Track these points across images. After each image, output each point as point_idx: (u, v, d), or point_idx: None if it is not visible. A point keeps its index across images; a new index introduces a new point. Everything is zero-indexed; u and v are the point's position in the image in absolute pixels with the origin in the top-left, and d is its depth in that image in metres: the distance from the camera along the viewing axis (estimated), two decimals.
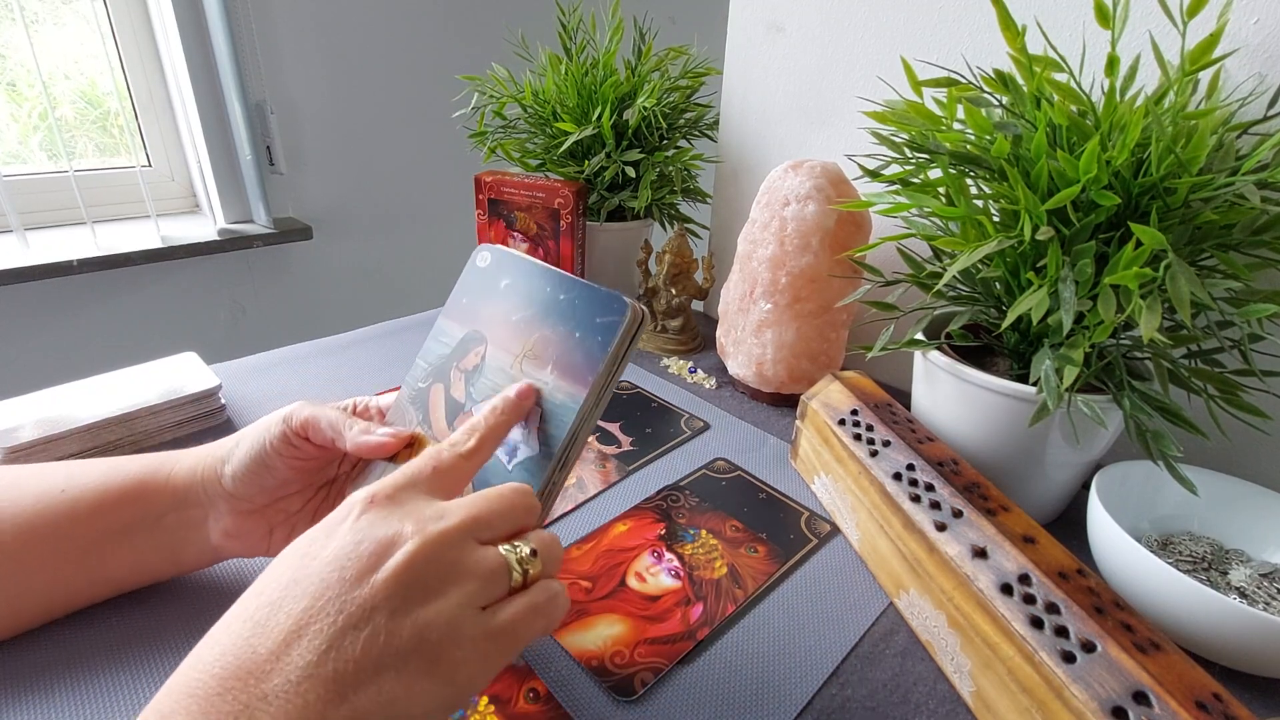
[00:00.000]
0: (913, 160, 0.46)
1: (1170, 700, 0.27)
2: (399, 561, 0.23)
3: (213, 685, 0.21)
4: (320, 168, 1.31)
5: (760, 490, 0.51)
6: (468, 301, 0.37)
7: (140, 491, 0.35)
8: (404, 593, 0.23)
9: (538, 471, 0.31)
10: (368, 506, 0.25)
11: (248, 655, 0.22)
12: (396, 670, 0.22)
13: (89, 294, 1.12)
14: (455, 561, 0.25)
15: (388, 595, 0.23)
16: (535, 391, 0.32)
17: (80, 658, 0.34)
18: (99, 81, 1.12)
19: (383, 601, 0.23)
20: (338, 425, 0.34)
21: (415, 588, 0.23)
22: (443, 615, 0.24)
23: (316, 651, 0.22)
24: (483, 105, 0.78)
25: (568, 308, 0.33)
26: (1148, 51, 0.45)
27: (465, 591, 0.24)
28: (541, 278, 0.35)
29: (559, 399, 0.32)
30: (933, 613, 0.37)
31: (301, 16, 1.19)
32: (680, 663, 0.36)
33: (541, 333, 0.34)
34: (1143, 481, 0.44)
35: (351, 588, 0.23)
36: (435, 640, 0.23)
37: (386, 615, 0.23)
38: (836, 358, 0.62)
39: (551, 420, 0.32)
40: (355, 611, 0.22)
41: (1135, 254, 0.34)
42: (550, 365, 0.33)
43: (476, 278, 0.37)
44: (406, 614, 0.23)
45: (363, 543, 0.24)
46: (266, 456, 0.34)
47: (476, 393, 0.35)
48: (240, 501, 0.35)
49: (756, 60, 0.72)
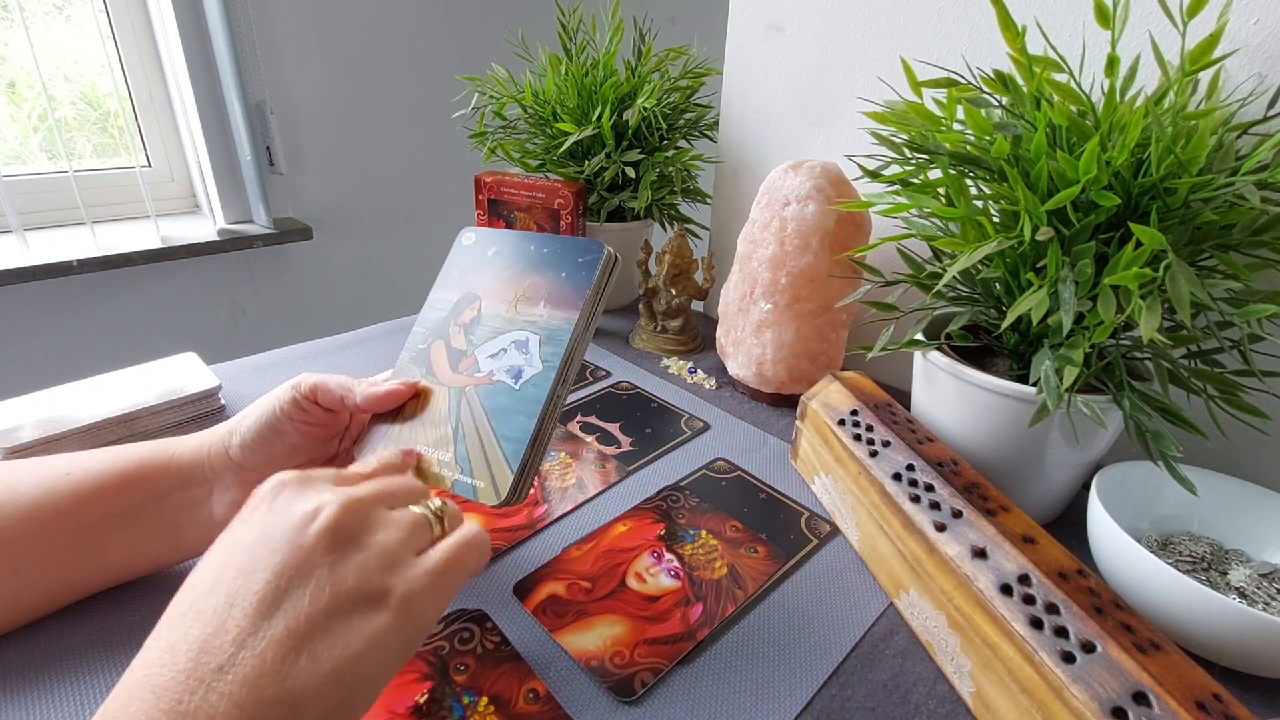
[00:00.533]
0: (912, 161, 0.46)
1: (1170, 700, 0.27)
2: (326, 519, 0.25)
3: (164, 674, 0.21)
4: (320, 168, 1.31)
5: (760, 490, 0.51)
6: (459, 274, 0.41)
7: (143, 474, 0.35)
8: (338, 545, 0.24)
9: (543, 385, 0.35)
10: (280, 489, 0.27)
11: (196, 639, 0.22)
12: (348, 614, 0.23)
13: (89, 294, 1.12)
14: (377, 517, 0.26)
15: (324, 549, 0.24)
16: (417, 456, 0.35)
17: (82, 650, 0.34)
18: (99, 82, 1.12)
19: (320, 556, 0.24)
20: (346, 384, 0.36)
21: (347, 539, 0.25)
22: (381, 555, 0.25)
23: (265, 616, 0.22)
24: (483, 105, 0.78)
25: (552, 257, 0.38)
26: (1148, 52, 0.45)
27: (393, 537, 0.26)
28: (525, 239, 0.40)
29: (555, 324, 0.37)
30: (933, 613, 0.37)
31: (301, 16, 1.19)
32: (680, 663, 0.36)
33: (532, 279, 0.38)
34: (1143, 482, 0.44)
35: (284, 556, 0.24)
36: (380, 580, 0.24)
37: (327, 568, 0.24)
38: (836, 358, 0.62)
39: (550, 342, 0.36)
40: (295, 571, 0.23)
41: (1135, 254, 0.34)
42: (543, 302, 0.37)
43: (464, 254, 0.41)
44: (345, 561, 0.24)
45: (286, 518, 0.25)
46: (277, 422, 0.35)
47: (477, 338, 0.38)
48: (249, 472, 0.36)
49: (756, 60, 0.72)
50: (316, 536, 0.24)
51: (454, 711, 0.33)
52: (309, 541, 0.24)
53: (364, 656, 0.23)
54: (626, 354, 0.73)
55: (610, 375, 0.68)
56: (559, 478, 0.51)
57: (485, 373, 0.37)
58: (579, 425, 0.58)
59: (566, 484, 0.50)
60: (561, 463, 0.53)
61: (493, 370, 0.37)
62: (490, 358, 0.37)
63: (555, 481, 0.51)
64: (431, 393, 0.37)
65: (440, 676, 0.34)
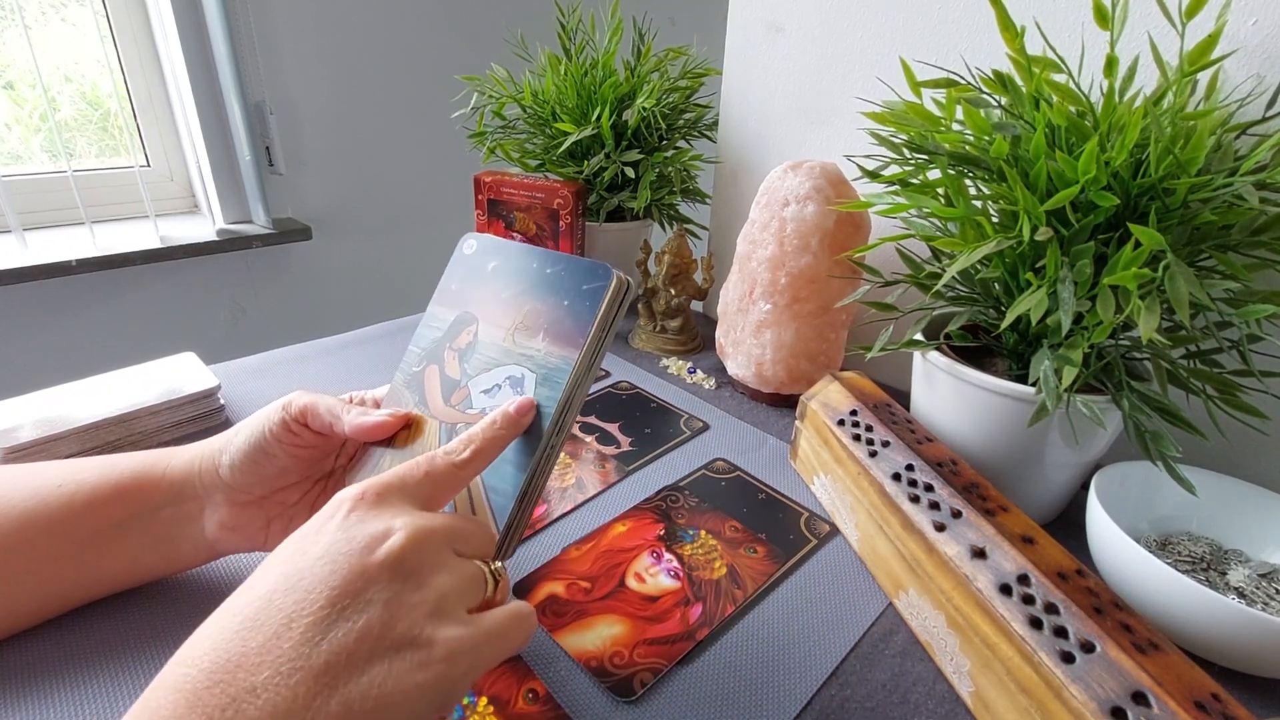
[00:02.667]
0: (912, 161, 0.46)
1: (1169, 700, 0.27)
2: (391, 549, 0.24)
3: (200, 679, 0.21)
4: (319, 168, 1.31)
5: (759, 490, 0.51)
6: (457, 287, 0.38)
7: (136, 486, 0.35)
8: (398, 580, 0.23)
9: (535, 433, 0.32)
10: (357, 503, 0.26)
11: (237, 648, 0.21)
12: (389, 661, 0.22)
13: (88, 294, 1.12)
14: (442, 558, 0.25)
15: (381, 583, 0.23)
16: (534, 407, 0.33)
17: (77, 658, 0.34)
18: (99, 82, 1.12)
19: (377, 587, 0.23)
20: (336, 410, 0.34)
21: (409, 573, 0.24)
22: (437, 601, 0.24)
23: (309, 643, 0.21)
24: (482, 105, 0.78)
25: (555, 279, 0.35)
26: (1146, 52, 0.45)
27: (452, 586, 0.25)
28: (527, 255, 0.36)
29: (553, 363, 0.33)
30: (932, 613, 0.37)
31: (301, 17, 1.19)
32: (679, 663, 0.36)
33: (531, 305, 0.35)
34: (1142, 482, 0.44)
35: (344, 579, 0.23)
36: (429, 630, 0.23)
37: (381, 605, 0.23)
38: (836, 358, 0.62)
39: (547, 384, 0.33)
40: (348, 601, 0.22)
41: (1134, 254, 0.34)
42: (542, 334, 0.34)
43: (464, 264, 0.38)
44: (400, 601, 0.23)
45: (354, 537, 0.24)
46: (266, 444, 0.35)
47: (471, 368, 0.35)
48: (238, 492, 0.35)
49: (756, 61, 0.72)
50: (381, 564, 0.23)
51: (454, 712, 0.33)
52: (373, 567, 0.23)
53: (395, 708, 0.22)
54: (626, 354, 0.73)
55: (610, 375, 0.68)
56: (558, 478, 0.51)
57: (477, 410, 0.34)
58: (578, 425, 0.58)
59: (566, 484, 0.50)
60: (561, 462, 0.53)
61: (485, 409, 0.34)
62: (484, 393, 0.34)
63: (555, 481, 0.50)
64: (425, 422, 0.35)
65: None
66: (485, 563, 0.28)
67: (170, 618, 0.36)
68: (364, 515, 0.25)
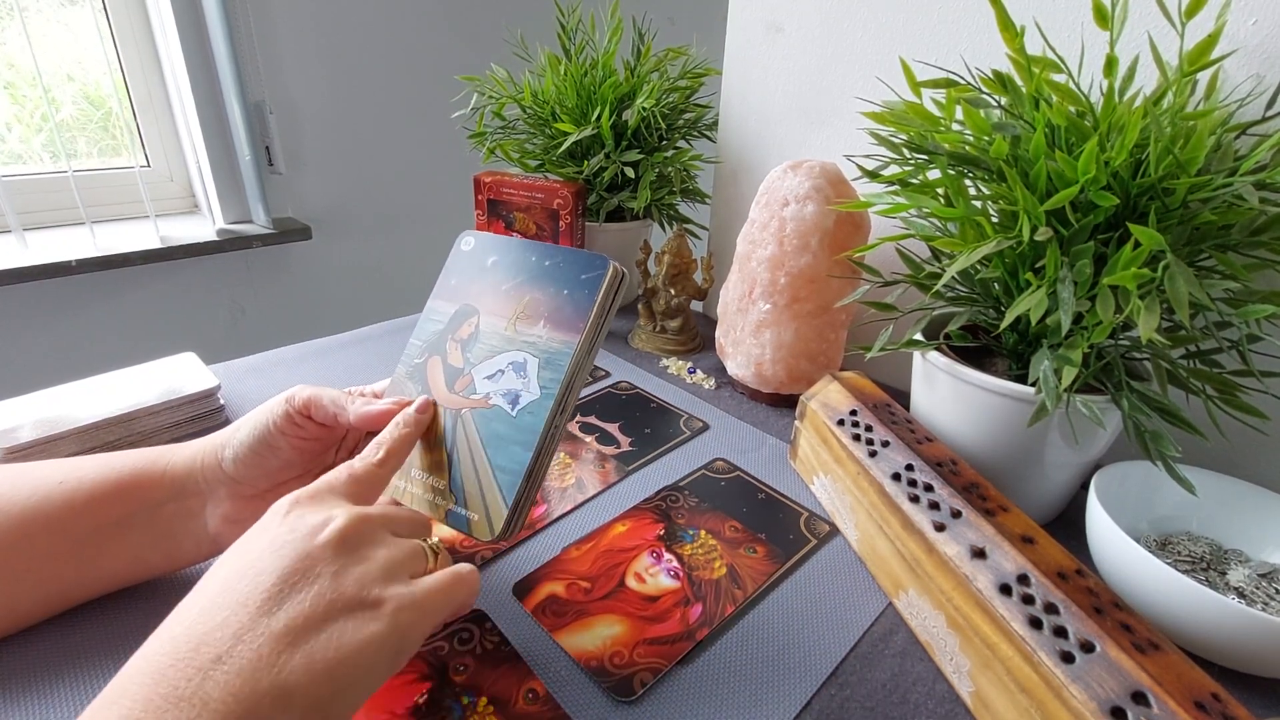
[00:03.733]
0: (911, 161, 0.46)
1: (1169, 700, 0.27)
2: (334, 529, 0.26)
3: (164, 660, 0.22)
4: (319, 168, 1.31)
5: (759, 490, 0.51)
6: (456, 282, 0.39)
7: (137, 483, 0.35)
8: (341, 555, 0.26)
9: (540, 413, 0.34)
10: (294, 505, 0.28)
11: (198, 631, 0.23)
12: (344, 618, 0.25)
13: (88, 294, 1.12)
14: (379, 536, 0.28)
15: (327, 557, 0.26)
16: (433, 405, 0.36)
17: (79, 656, 0.34)
18: (99, 83, 1.12)
19: (323, 564, 0.25)
20: (340, 401, 0.35)
21: (351, 549, 0.26)
22: (381, 569, 0.26)
23: (267, 614, 0.23)
24: (482, 106, 0.78)
25: (554, 271, 0.37)
26: (1146, 52, 0.45)
27: (392, 557, 0.27)
28: (526, 249, 0.38)
29: (554, 348, 0.35)
30: (932, 613, 0.37)
31: (301, 17, 1.19)
32: (679, 663, 0.36)
33: (532, 295, 0.37)
34: (1141, 482, 0.44)
35: (291, 561, 0.25)
36: (377, 591, 0.26)
37: (330, 575, 0.25)
38: (835, 358, 0.62)
39: (549, 367, 0.34)
40: (298, 579, 0.25)
41: (1134, 254, 0.34)
42: (543, 321, 0.36)
43: (463, 261, 0.40)
44: (346, 571, 0.26)
45: (296, 529, 0.26)
46: (270, 436, 0.35)
47: (474, 356, 0.37)
48: (241, 485, 0.36)
49: (755, 61, 0.72)
50: (324, 543, 0.26)
51: (453, 712, 0.33)
52: (316, 548, 0.26)
53: (355, 659, 0.24)
54: (626, 354, 0.73)
55: (609, 375, 0.68)
56: (558, 478, 0.51)
57: (482, 395, 0.35)
58: (578, 425, 0.58)
59: (566, 484, 0.50)
60: (561, 463, 0.53)
61: (490, 393, 0.35)
62: (487, 379, 0.36)
63: (554, 481, 0.50)
64: (430, 406, 0.36)
65: (439, 677, 0.34)
66: (423, 540, 0.30)
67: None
68: (303, 512, 0.27)
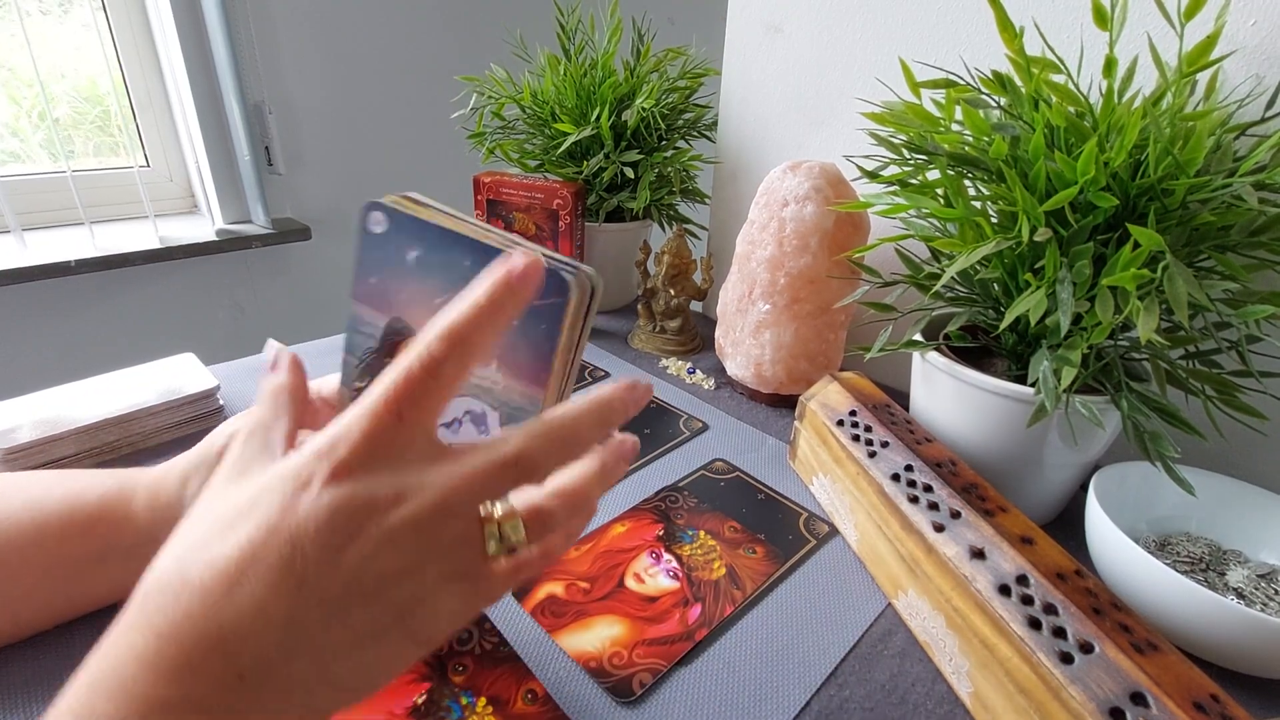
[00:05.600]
0: (911, 161, 0.46)
1: (1168, 701, 0.27)
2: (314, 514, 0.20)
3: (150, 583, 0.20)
4: (319, 168, 1.31)
5: (759, 491, 0.51)
6: (377, 281, 0.29)
7: (105, 522, 0.34)
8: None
9: None
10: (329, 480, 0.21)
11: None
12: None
13: (87, 294, 1.12)
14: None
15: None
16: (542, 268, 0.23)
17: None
18: (97, 82, 1.12)
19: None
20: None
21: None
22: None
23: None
24: (481, 106, 0.78)
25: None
26: (1145, 53, 0.45)
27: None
28: (455, 248, 0.28)
29: (516, 401, 0.28)
30: (931, 613, 0.37)
31: (300, 17, 1.19)
32: (679, 664, 0.36)
33: None
34: (1140, 482, 0.44)
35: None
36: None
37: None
38: (835, 358, 0.62)
39: (514, 423, 0.27)
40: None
41: (1133, 255, 0.34)
42: (495, 360, 0.28)
43: (378, 250, 0.29)
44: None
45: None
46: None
47: None
48: None
49: (755, 61, 0.72)
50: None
51: (452, 712, 0.33)
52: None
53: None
54: (625, 354, 0.73)
55: (609, 376, 0.68)
56: None
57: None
58: None
59: None
60: None
61: (449, 442, 0.26)
62: (444, 426, 0.29)
63: None
64: None
65: (438, 677, 0.34)
66: (493, 508, 0.23)
67: None
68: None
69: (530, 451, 0.23)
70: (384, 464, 0.21)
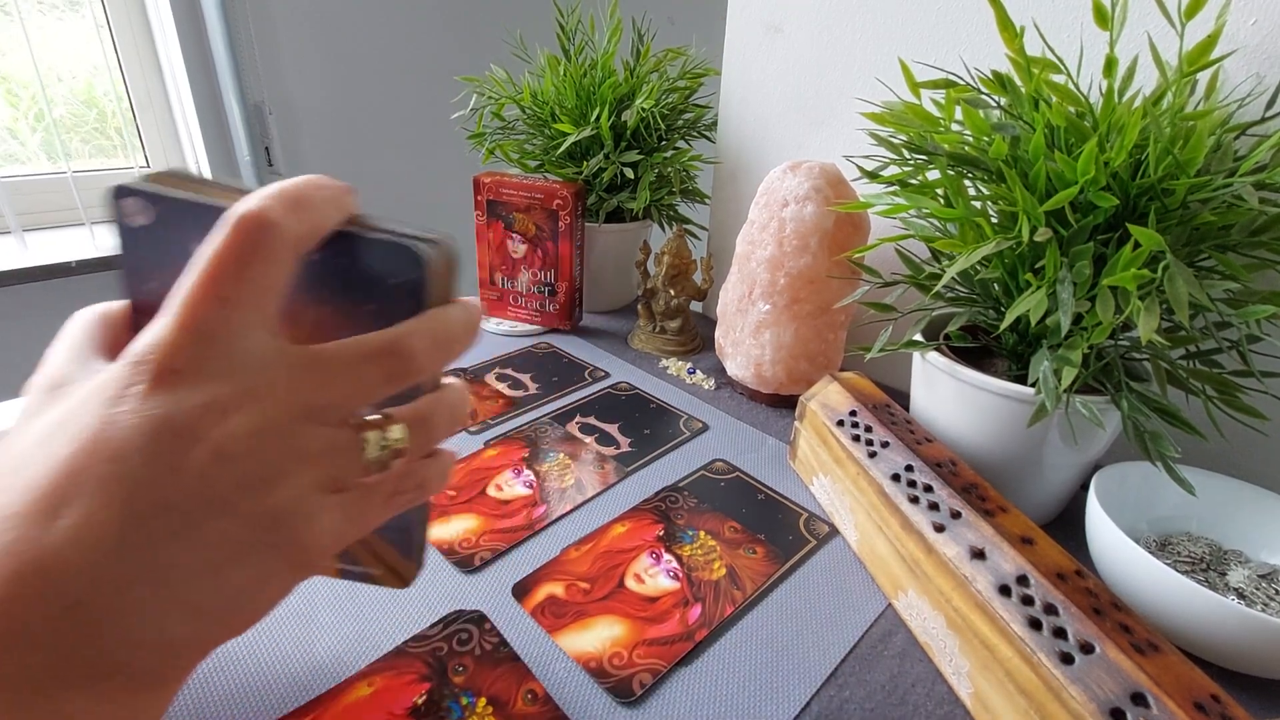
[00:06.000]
0: (911, 161, 0.46)
1: (1169, 701, 0.27)
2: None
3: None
4: (319, 169, 1.30)
5: (759, 491, 0.51)
6: (158, 285, 0.21)
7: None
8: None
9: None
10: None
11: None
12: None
13: (88, 295, 1.11)
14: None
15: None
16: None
17: None
18: (97, 82, 1.12)
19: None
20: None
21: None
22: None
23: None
24: (481, 106, 0.78)
25: (328, 268, 0.22)
26: (1146, 53, 0.45)
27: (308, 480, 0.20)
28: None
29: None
30: (931, 614, 0.37)
31: (300, 17, 1.19)
32: (679, 664, 0.36)
33: (317, 312, 0.23)
34: (1141, 482, 0.44)
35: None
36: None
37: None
38: (835, 359, 0.62)
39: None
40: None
41: (1133, 255, 0.34)
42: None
43: (148, 247, 0.23)
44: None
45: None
46: None
47: None
48: None
49: (755, 61, 0.72)
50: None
51: (452, 712, 0.33)
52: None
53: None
54: (625, 354, 0.73)
55: (609, 376, 0.68)
56: (557, 478, 0.51)
57: None
58: (578, 426, 0.58)
59: (565, 485, 0.50)
60: (560, 464, 0.53)
61: None
62: None
63: (554, 482, 0.50)
64: None
65: (438, 677, 0.34)
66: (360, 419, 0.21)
67: None
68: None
69: (405, 341, 0.20)
70: (217, 360, 0.18)
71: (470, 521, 0.46)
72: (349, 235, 0.22)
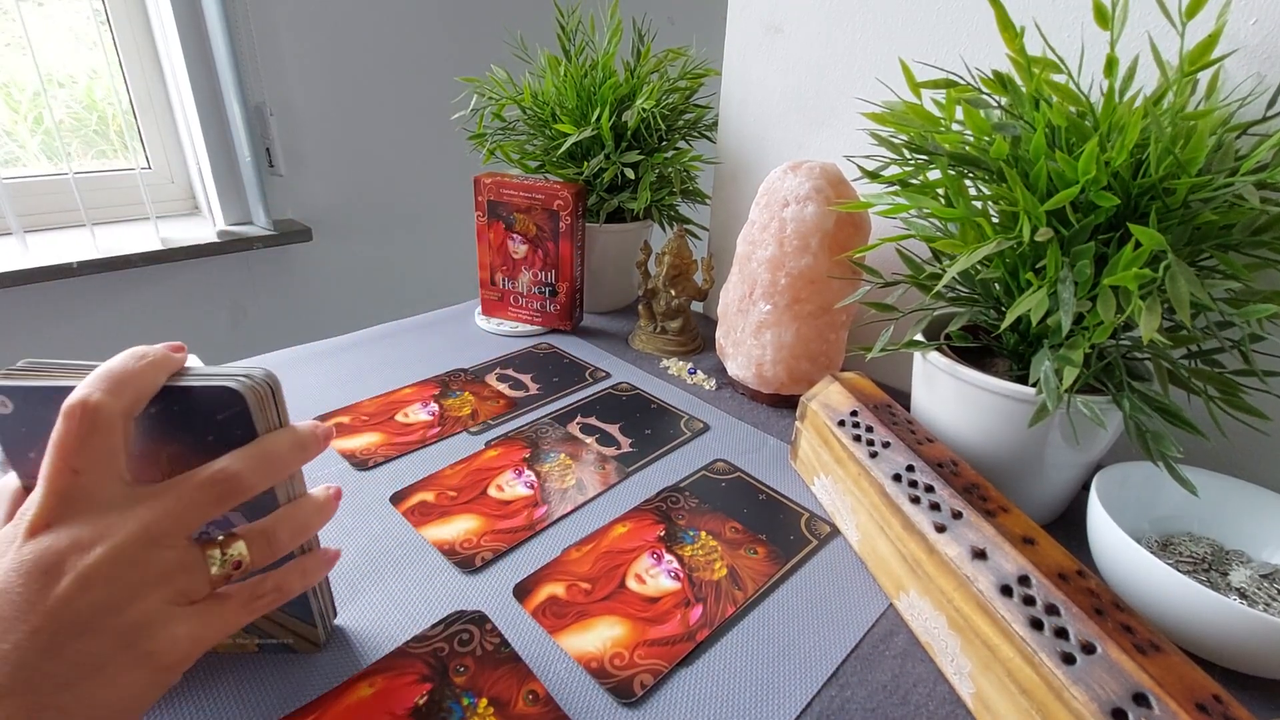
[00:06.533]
0: (911, 161, 0.46)
1: (1170, 702, 0.27)
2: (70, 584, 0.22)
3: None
4: (320, 169, 1.31)
5: (760, 491, 0.51)
6: (36, 455, 0.25)
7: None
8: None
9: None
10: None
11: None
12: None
13: (89, 296, 1.12)
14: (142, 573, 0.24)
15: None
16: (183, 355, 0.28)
17: None
18: (96, 85, 1.12)
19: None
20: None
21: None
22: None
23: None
24: (482, 107, 0.78)
25: (169, 418, 0.27)
26: (1146, 52, 0.45)
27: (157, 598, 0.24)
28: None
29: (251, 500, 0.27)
30: (933, 614, 0.37)
31: (301, 18, 1.19)
32: (680, 665, 0.36)
33: (169, 450, 0.27)
34: (1142, 482, 0.44)
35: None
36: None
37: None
38: (836, 359, 0.62)
39: (253, 511, 0.28)
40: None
41: (1134, 255, 0.34)
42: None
43: (16, 428, 0.27)
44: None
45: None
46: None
47: None
48: None
49: (755, 61, 0.72)
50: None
51: (453, 713, 0.33)
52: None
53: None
54: (626, 355, 0.73)
55: (610, 376, 0.68)
56: (559, 479, 0.51)
57: None
58: (579, 427, 0.58)
59: (566, 485, 0.50)
60: (561, 464, 0.53)
61: None
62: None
63: (555, 483, 0.50)
64: None
65: (440, 678, 0.34)
66: (202, 537, 0.26)
67: None
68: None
69: (229, 468, 0.25)
70: (77, 514, 0.23)
71: (471, 522, 0.46)
72: (176, 388, 0.26)
